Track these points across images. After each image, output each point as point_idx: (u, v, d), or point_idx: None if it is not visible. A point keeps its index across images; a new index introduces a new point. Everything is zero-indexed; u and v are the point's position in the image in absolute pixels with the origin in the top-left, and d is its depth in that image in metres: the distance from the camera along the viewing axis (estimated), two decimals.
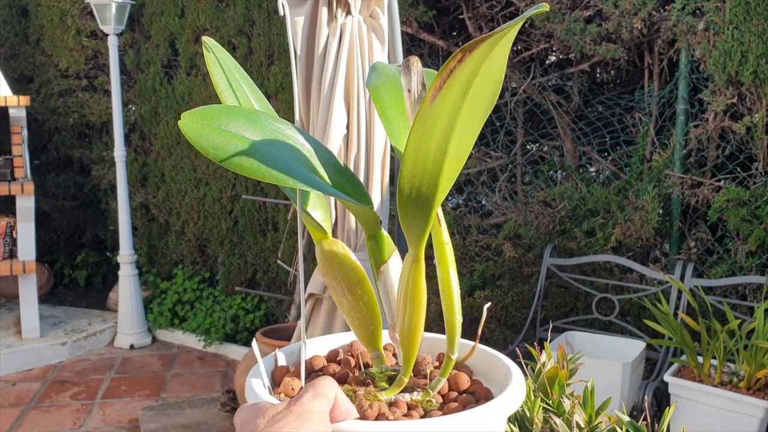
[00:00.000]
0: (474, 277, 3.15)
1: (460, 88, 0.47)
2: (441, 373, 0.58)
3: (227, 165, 0.51)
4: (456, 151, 0.49)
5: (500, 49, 0.46)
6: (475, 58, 0.45)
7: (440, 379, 0.58)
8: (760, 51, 2.46)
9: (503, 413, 0.55)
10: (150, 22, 4.11)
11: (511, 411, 0.56)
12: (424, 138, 0.49)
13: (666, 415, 0.81)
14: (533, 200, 3.13)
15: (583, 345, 2.47)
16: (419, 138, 0.49)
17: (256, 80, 3.76)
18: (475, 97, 0.48)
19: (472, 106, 0.48)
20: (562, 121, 3.18)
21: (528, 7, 3.00)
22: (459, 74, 0.46)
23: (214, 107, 0.55)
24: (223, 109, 0.55)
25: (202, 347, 3.89)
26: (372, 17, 2.17)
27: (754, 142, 2.59)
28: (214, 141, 0.52)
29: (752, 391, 2.17)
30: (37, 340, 3.73)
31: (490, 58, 0.46)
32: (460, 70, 0.46)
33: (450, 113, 0.48)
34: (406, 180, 0.51)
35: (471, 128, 0.50)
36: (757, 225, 2.54)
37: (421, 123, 0.48)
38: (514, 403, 0.56)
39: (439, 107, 0.47)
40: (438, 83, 0.46)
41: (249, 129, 0.54)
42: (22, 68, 4.46)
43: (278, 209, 3.81)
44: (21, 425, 2.98)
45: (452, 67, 0.46)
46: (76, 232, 4.73)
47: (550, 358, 0.88)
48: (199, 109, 0.54)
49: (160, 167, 4.22)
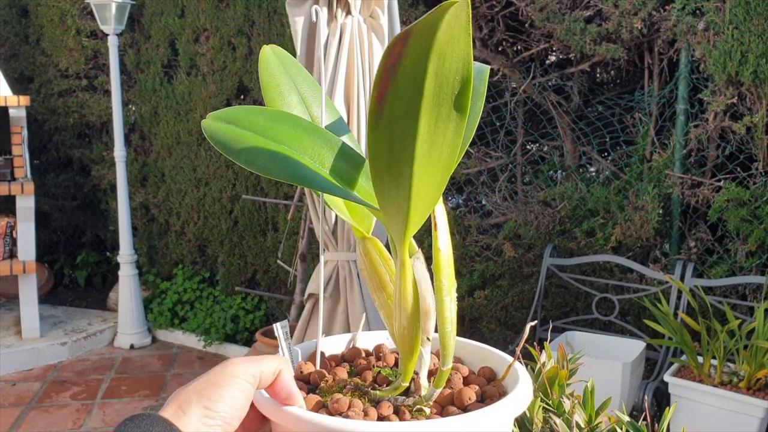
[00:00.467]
0: (474, 277, 3.15)
1: (409, 84, 0.45)
2: (435, 384, 0.57)
3: (234, 159, 0.55)
4: (433, 152, 0.48)
5: (449, 31, 0.42)
6: (415, 49, 0.43)
7: (433, 390, 0.57)
8: (760, 51, 2.46)
9: (509, 415, 0.54)
10: (150, 22, 4.11)
11: (517, 412, 0.55)
12: (380, 142, 0.48)
13: (666, 415, 0.81)
14: (533, 200, 3.13)
15: (583, 345, 2.47)
16: (375, 142, 0.48)
17: (256, 80, 3.76)
18: (438, 92, 0.45)
19: (437, 101, 0.46)
20: (562, 121, 3.18)
21: (528, 7, 3.00)
22: (403, 70, 0.44)
23: (235, 108, 0.58)
24: (242, 110, 0.58)
25: (202, 347, 3.89)
26: (372, 17, 2.17)
27: (754, 142, 2.59)
28: (224, 137, 0.56)
29: (752, 391, 2.17)
30: (37, 340, 3.73)
31: (437, 42, 0.42)
32: (404, 66, 0.44)
33: (406, 112, 0.46)
34: (378, 186, 0.51)
35: (447, 125, 0.47)
36: (757, 225, 2.54)
37: (373, 128, 0.47)
38: (520, 404, 0.55)
39: (392, 108, 0.46)
40: (382, 85, 0.45)
41: (263, 128, 0.57)
42: (22, 68, 4.46)
43: (278, 209, 3.81)
44: (21, 425, 2.98)
45: (393, 63, 0.44)
46: (76, 232, 4.73)
47: (550, 358, 0.88)
48: (222, 110, 0.58)
49: (160, 167, 4.22)
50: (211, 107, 3.90)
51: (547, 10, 2.96)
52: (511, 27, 3.27)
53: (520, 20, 3.16)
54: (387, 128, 0.47)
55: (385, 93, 0.46)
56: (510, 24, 3.26)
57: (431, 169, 0.49)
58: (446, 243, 0.56)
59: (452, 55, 0.44)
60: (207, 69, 3.91)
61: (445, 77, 0.44)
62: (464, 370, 0.63)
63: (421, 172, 0.48)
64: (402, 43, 0.43)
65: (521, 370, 0.60)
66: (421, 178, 0.49)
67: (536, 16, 2.98)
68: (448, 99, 0.46)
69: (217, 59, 3.86)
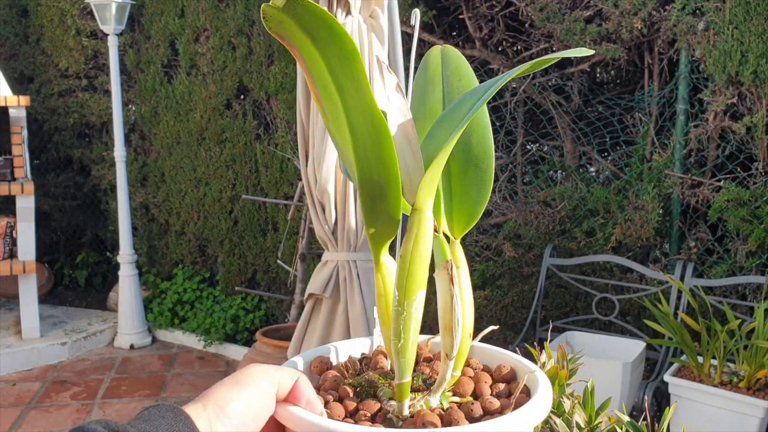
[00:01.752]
0: (474, 277, 3.15)
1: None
2: (432, 389, 0.57)
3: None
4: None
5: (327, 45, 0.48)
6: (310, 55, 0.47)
7: (428, 399, 0.57)
8: (760, 51, 2.46)
9: (530, 423, 0.53)
10: (150, 22, 4.11)
11: (539, 420, 0.54)
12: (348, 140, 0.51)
13: (666, 415, 0.81)
14: (533, 200, 3.13)
15: (583, 345, 2.47)
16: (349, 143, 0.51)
17: (255, 80, 3.76)
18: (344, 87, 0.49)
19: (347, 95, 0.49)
20: (562, 121, 3.18)
21: (528, 7, 3.00)
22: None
23: None
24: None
25: (202, 347, 3.89)
26: (372, 17, 2.16)
27: (754, 142, 2.59)
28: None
29: (752, 391, 2.17)
30: (37, 340, 3.73)
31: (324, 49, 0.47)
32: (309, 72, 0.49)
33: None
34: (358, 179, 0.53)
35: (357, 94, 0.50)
36: (757, 225, 2.54)
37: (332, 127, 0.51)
38: (541, 411, 0.54)
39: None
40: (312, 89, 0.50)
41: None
42: (22, 68, 4.46)
43: (278, 209, 3.81)
44: (21, 425, 2.98)
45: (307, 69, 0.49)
46: (76, 232, 4.73)
47: (550, 358, 0.88)
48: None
49: (160, 167, 4.22)
50: (211, 107, 3.90)
51: (547, 10, 2.96)
52: (511, 27, 3.27)
53: (520, 20, 3.16)
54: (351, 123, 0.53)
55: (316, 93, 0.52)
56: (510, 24, 3.26)
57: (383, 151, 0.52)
58: (429, 248, 0.55)
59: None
60: (207, 69, 3.91)
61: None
62: (487, 377, 0.61)
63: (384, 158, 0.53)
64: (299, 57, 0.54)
65: (540, 375, 0.59)
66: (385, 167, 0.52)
67: (536, 16, 2.98)
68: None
69: (217, 59, 3.86)
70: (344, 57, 0.47)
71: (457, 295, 0.54)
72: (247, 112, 3.86)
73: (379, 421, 0.55)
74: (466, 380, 0.60)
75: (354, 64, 0.47)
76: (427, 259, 0.54)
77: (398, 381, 0.55)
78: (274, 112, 3.77)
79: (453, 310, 0.54)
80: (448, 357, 0.55)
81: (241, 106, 3.88)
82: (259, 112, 3.86)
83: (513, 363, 0.63)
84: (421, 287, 0.54)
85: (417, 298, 0.54)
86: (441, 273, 0.55)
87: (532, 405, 0.54)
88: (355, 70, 0.47)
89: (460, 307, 0.55)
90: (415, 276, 0.53)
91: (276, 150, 3.74)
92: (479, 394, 0.59)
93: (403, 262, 0.54)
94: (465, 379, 0.60)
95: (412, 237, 0.54)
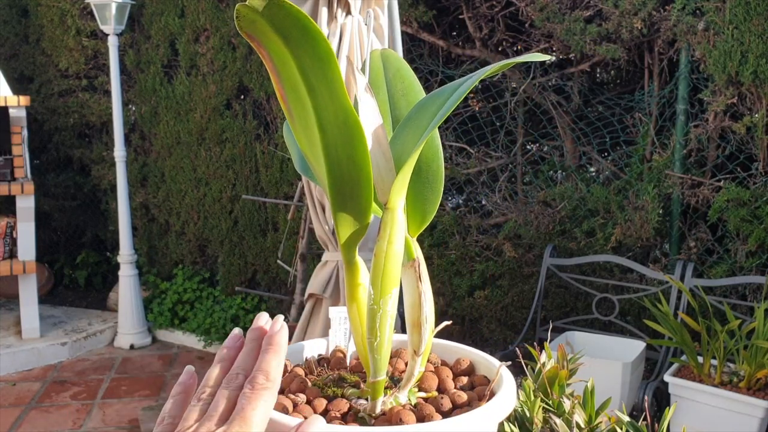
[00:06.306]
0: (474, 277, 3.15)
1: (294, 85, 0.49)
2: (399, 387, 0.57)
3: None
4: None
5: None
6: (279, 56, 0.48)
7: (397, 395, 0.57)
8: (760, 51, 2.46)
9: (501, 414, 0.54)
10: (150, 22, 4.11)
11: (509, 411, 0.55)
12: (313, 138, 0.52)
13: (666, 415, 0.81)
14: (533, 200, 3.13)
15: (583, 345, 2.47)
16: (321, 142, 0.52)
17: (255, 80, 3.76)
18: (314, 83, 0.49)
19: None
20: (562, 121, 3.18)
21: (528, 7, 3.00)
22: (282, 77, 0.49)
23: None
24: None
25: (202, 347, 3.89)
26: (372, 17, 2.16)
27: (754, 142, 2.59)
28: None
29: (752, 391, 2.17)
30: (37, 340, 3.73)
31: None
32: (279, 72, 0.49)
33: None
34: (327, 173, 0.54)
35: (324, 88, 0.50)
36: (757, 225, 2.54)
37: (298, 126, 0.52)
38: (510, 403, 0.55)
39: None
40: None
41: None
42: (22, 68, 4.46)
43: (278, 209, 3.81)
44: (21, 425, 2.98)
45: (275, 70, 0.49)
46: (76, 232, 4.73)
47: (550, 358, 0.88)
48: None
49: (160, 167, 4.22)
50: (211, 107, 3.90)
51: (547, 10, 2.96)
52: (511, 27, 3.27)
53: (520, 20, 3.16)
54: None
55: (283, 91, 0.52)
56: (510, 24, 3.27)
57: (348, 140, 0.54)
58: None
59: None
60: (207, 69, 3.91)
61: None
62: (447, 371, 0.63)
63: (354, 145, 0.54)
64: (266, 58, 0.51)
65: (505, 372, 0.60)
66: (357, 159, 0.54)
67: (536, 16, 2.98)
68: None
69: (217, 59, 3.86)
70: (318, 57, 0.47)
71: (425, 292, 0.55)
72: (247, 112, 3.86)
73: (351, 420, 0.55)
74: (430, 375, 0.60)
75: (328, 64, 0.47)
76: (401, 257, 0.55)
77: (373, 379, 0.55)
78: (274, 112, 3.77)
79: (421, 307, 0.54)
80: (416, 353, 0.55)
81: (241, 106, 3.88)
82: (259, 112, 3.86)
83: (470, 356, 0.65)
84: (396, 284, 0.55)
85: (392, 296, 0.55)
86: (408, 271, 0.55)
87: (501, 397, 0.55)
88: (329, 70, 0.47)
89: (429, 305, 0.55)
90: (390, 273, 0.54)
91: (276, 150, 3.74)
92: (444, 389, 0.59)
93: (378, 260, 0.54)
94: (429, 375, 0.60)
95: (386, 236, 0.54)
